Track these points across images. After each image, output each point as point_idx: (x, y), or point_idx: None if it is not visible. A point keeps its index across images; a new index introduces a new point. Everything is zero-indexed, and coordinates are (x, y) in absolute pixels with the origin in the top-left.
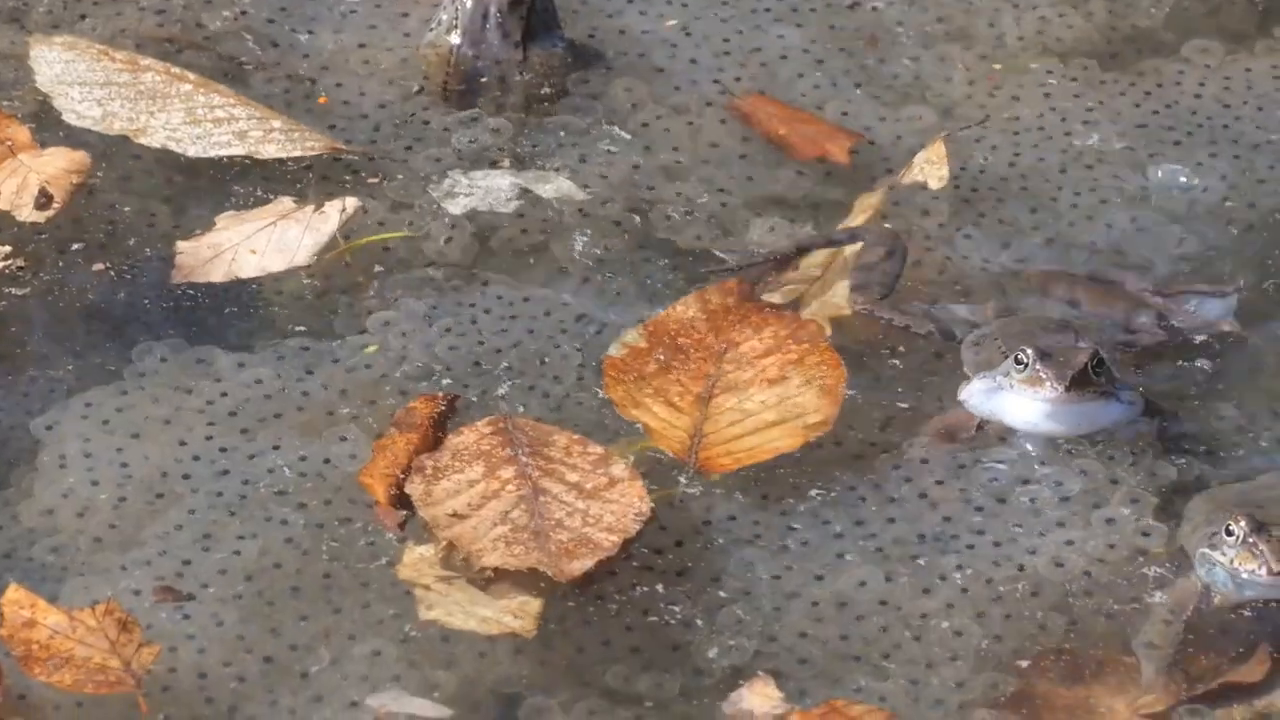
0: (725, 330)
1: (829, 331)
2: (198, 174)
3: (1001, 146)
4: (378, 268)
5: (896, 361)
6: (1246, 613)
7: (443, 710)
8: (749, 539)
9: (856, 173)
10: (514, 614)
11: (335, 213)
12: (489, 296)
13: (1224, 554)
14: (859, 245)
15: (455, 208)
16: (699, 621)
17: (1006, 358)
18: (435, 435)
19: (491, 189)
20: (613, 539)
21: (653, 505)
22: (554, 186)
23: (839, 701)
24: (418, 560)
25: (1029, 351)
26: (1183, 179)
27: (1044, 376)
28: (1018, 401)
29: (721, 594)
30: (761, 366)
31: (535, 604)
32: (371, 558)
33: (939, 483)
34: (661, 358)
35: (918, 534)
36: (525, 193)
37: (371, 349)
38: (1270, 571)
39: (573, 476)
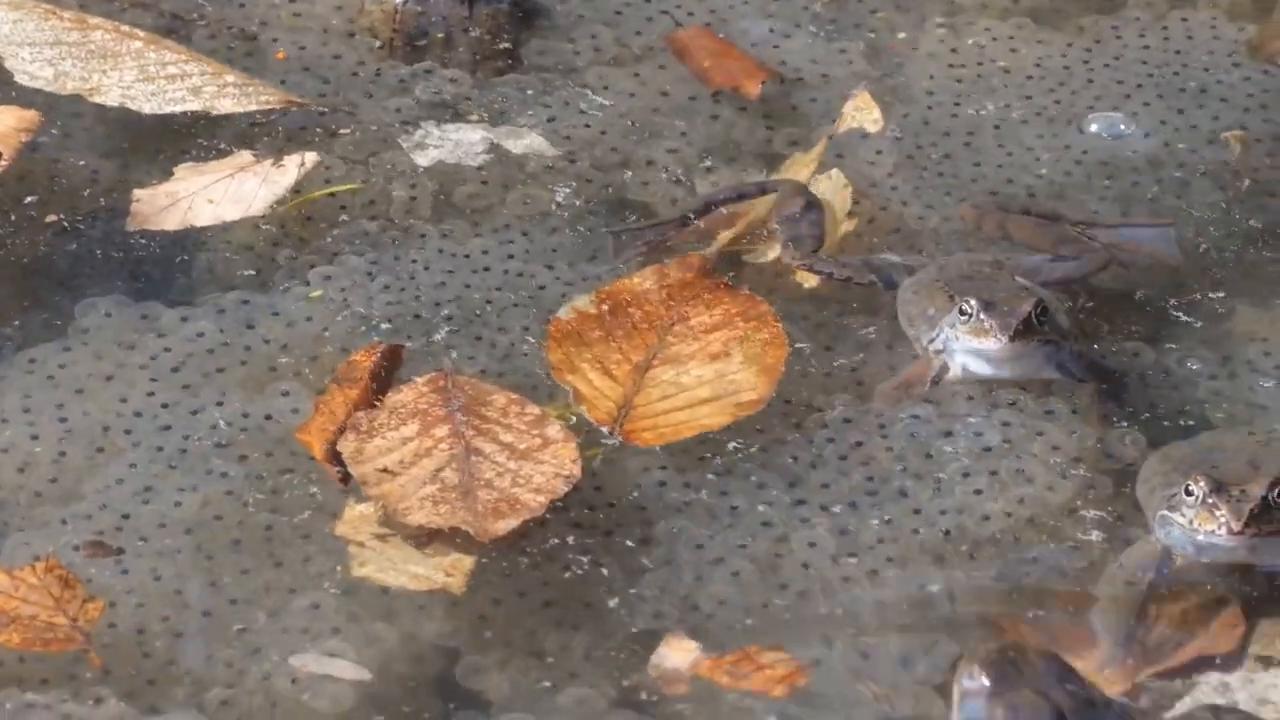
0: (678, 304)
1: (810, 284)
2: (152, 130)
3: (944, 99)
4: (341, 217)
5: (847, 321)
6: (1208, 573)
7: (363, 672)
8: (681, 503)
9: (807, 121)
10: (445, 571)
11: (294, 166)
12: (443, 251)
13: (1183, 515)
14: (775, 199)
15: (423, 160)
16: (624, 583)
17: (953, 300)
18: (376, 390)
19: (462, 142)
20: (540, 500)
21: (585, 466)
22: (525, 142)
23: (751, 648)
24: (357, 518)
25: (973, 302)
26: (1122, 127)
27: (989, 327)
28: (963, 351)
29: (650, 557)
30: (706, 341)
31: (467, 562)
32: (313, 511)
33: (865, 444)
34: (608, 324)
35: (851, 500)
36: (495, 147)
37: (315, 294)
38: (1230, 531)
39: (507, 437)
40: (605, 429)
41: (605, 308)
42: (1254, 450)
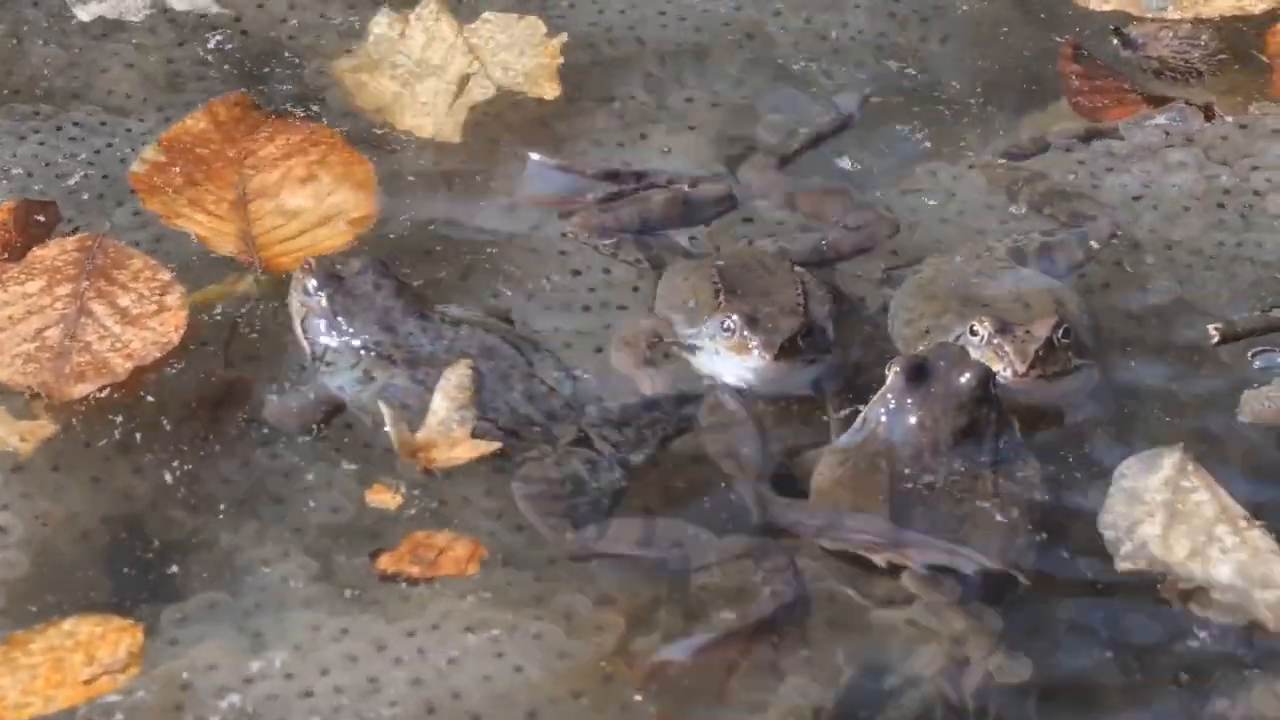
0: (238, 140)
1: None
2: None
3: None
4: None
5: None
6: None
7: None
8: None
9: None
10: (21, 436)
11: None
12: (96, 121)
13: None
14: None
15: (84, 14)
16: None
17: (719, 296)
18: (21, 247)
19: None
20: (126, 366)
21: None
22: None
23: (420, 534)
24: None
25: (735, 318)
26: None
27: (751, 345)
28: (725, 366)
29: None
30: (286, 168)
31: (48, 429)
32: None
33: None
34: (184, 169)
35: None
36: (157, 3)
37: None
38: (1016, 373)
39: (125, 300)
40: (244, 261)
41: (174, 155)
42: (1016, 285)
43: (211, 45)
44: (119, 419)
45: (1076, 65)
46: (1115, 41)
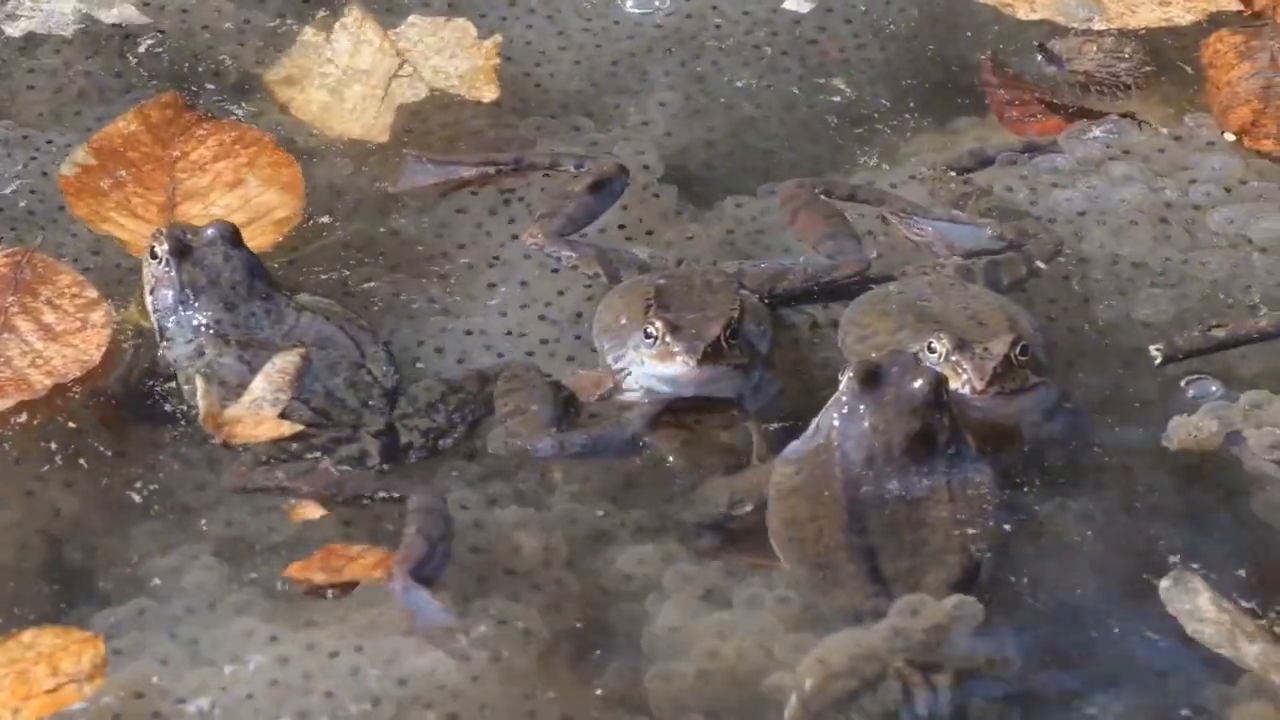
0: (170, 142)
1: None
2: None
3: None
4: None
5: None
6: None
7: None
8: None
9: None
10: None
11: None
12: (26, 135)
13: None
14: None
15: (14, 31)
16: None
17: (649, 313)
18: None
19: (54, 13)
20: (46, 382)
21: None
22: (116, 12)
23: (336, 546)
24: None
25: (658, 324)
26: (656, 3)
27: (675, 351)
28: (650, 374)
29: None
30: (216, 171)
31: None
32: None
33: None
34: (115, 173)
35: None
36: (86, 17)
37: None
38: (974, 390)
39: (50, 317)
40: None
41: (104, 158)
42: (967, 302)
43: (141, 50)
44: (47, 435)
45: (999, 79)
46: (1039, 58)
